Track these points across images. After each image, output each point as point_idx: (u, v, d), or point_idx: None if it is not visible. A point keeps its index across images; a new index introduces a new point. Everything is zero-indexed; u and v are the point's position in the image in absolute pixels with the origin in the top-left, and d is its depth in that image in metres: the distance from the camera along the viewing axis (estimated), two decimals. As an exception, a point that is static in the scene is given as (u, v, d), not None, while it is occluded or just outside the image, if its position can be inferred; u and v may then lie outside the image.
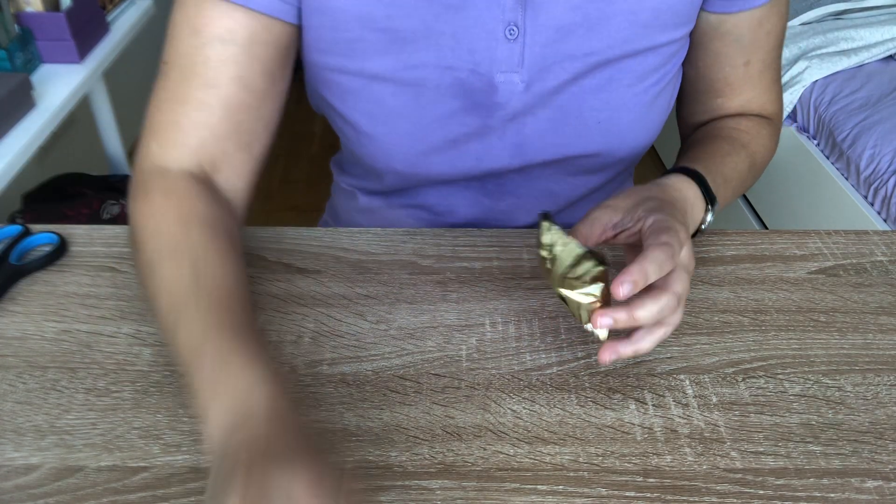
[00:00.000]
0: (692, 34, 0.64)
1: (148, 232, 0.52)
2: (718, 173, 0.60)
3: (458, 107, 0.60)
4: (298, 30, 0.58)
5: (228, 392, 0.40)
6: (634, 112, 0.62)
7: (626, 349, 0.48)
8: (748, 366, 0.54)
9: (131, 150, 2.44)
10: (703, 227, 0.59)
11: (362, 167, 0.70)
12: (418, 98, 0.59)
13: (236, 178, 0.59)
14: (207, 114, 0.55)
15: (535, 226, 0.74)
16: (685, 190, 0.56)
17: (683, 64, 0.67)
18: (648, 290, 0.47)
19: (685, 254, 0.49)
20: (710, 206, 0.58)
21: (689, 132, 0.73)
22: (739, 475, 0.47)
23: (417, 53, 0.57)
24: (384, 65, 0.57)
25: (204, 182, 0.56)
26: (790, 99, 1.67)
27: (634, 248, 0.51)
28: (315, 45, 0.58)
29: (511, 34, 0.56)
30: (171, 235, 0.51)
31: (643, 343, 0.48)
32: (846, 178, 1.54)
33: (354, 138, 0.63)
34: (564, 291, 0.49)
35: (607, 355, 0.48)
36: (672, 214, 0.50)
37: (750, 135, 0.66)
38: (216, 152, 0.57)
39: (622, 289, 0.44)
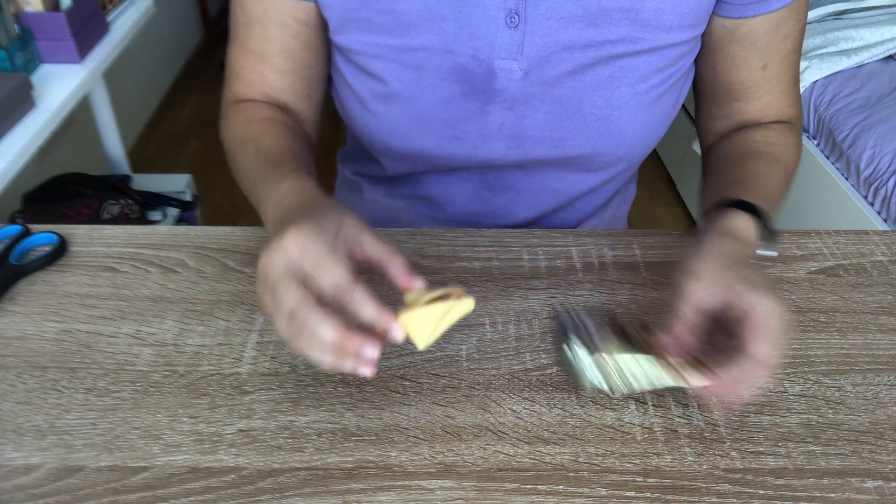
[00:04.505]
0: (709, 39, 0.64)
1: (228, 143, 0.66)
2: (769, 201, 0.59)
3: (458, 91, 0.61)
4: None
5: (270, 203, 0.54)
6: (635, 112, 0.62)
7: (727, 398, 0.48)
8: (748, 366, 0.54)
9: (131, 150, 2.46)
10: None
11: (364, 151, 0.73)
12: (419, 80, 0.61)
13: (297, 102, 0.69)
14: (262, 78, 0.67)
15: (532, 223, 0.74)
16: (752, 237, 0.54)
17: (701, 68, 0.67)
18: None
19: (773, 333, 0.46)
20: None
21: (709, 136, 0.72)
22: (739, 475, 0.47)
23: (420, 37, 0.58)
24: (388, 46, 0.59)
25: (269, 101, 0.68)
26: (790, 99, 1.67)
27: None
28: (330, 24, 0.62)
29: (512, 21, 0.57)
30: (238, 134, 0.65)
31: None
32: (846, 178, 1.54)
33: (360, 114, 0.66)
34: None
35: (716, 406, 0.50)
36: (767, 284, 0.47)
37: (781, 146, 0.66)
38: (276, 97, 0.68)
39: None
